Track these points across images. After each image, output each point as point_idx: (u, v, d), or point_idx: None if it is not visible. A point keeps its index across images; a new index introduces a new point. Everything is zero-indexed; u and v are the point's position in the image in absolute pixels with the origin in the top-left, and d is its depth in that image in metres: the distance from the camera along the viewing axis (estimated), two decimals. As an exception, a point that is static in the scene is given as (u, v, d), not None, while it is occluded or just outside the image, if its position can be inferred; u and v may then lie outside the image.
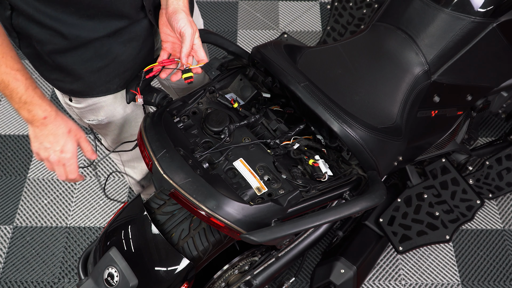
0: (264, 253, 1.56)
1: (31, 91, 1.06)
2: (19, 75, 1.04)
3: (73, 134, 1.14)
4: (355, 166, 1.36)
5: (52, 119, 1.10)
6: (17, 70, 1.04)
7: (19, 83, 1.04)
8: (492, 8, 1.47)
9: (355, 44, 1.56)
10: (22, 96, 1.05)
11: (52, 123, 1.10)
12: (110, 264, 1.25)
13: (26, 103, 1.06)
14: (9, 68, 1.02)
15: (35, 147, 1.15)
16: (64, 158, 1.14)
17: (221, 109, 1.36)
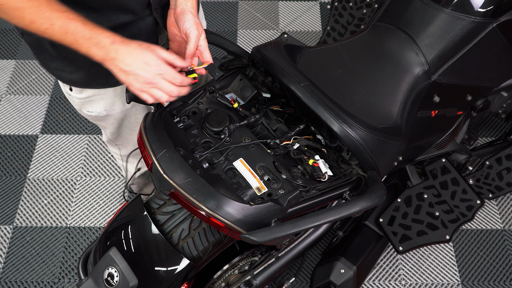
0: (264, 253, 1.56)
1: (89, 25, 1.00)
2: (71, 14, 0.99)
3: (145, 45, 1.04)
4: (355, 166, 1.36)
5: (118, 40, 1.02)
6: (66, 11, 0.99)
7: (74, 22, 0.98)
8: (492, 8, 1.47)
9: (355, 44, 1.56)
10: (84, 33, 0.99)
11: (121, 43, 1.02)
12: (110, 264, 1.25)
13: (90, 38, 1.00)
14: (59, 12, 0.98)
15: (126, 81, 1.06)
16: (154, 70, 1.03)
17: (221, 109, 1.36)
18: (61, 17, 0.97)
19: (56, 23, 0.97)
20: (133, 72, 1.04)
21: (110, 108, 1.40)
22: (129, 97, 1.30)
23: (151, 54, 1.03)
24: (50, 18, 0.97)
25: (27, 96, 2.52)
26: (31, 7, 0.95)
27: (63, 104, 2.50)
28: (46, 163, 2.30)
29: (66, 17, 0.98)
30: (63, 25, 0.98)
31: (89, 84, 1.29)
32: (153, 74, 1.04)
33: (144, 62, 1.03)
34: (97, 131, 2.41)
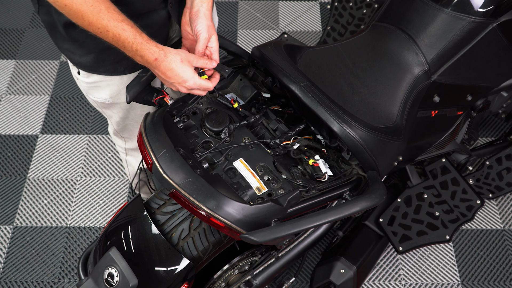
0: (264, 253, 1.56)
1: (138, 38, 1.10)
2: (125, 25, 1.08)
3: (186, 61, 1.17)
4: (355, 166, 1.36)
5: (162, 57, 1.14)
6: (122, 21, 1.08)
7: (127, 32, 1.08)
8: (492, 8, 1.47)
9: (355, 44, 1.56)
10: (132, 44, 1.10)
11: (164, 61, 1.14)
12: (110, 264, 1.25)
13: (137, 50, 1.11)
14: (116, 21, 1.07)
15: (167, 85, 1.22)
16: (190, 86, 1.18)
17: (221, 109, 1.36)
18: (116, 27, 1.07)
19: (110, 31, 1.07)
20: (171, 84, 1.19)
21: (116, 96, 1.41)
22: (129, 97, 1.30)
23: (190, 72, 1.16)
24: (106, 26, 1.06)
25: (27, 96, 2.52)
26: (92, 12, 1.04)
27: (63, 104, 2.50)
28: (46, 163, 2.30)
29: (121, 28, 1.08)
30: (116, 34, 1.08)
31: (97, 69, 1.33)
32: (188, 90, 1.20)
33: (182, 80, 1.17)
34: (97, 131, 2.41)
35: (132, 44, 1.10)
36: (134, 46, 1.10)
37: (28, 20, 2.84)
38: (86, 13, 1.04)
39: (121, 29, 1.08)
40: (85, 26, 1.08)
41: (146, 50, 1.12)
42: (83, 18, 1.05)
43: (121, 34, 1.08)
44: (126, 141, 1.69)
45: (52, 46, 2.73)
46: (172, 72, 1.16)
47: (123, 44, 1.10)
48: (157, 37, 1.27)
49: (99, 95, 1.41)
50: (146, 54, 1.12)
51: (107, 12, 1.06)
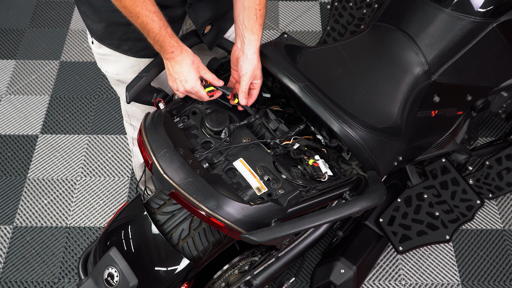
0: (264, 253, 1.56)
1: (163, 31, 1.19)
2: (155, 17, 1.16)
3: (196, 65, 1.26)
4: (355, 166, 1.36)
5: (178, 52, 1.23)
6: (154, 12, 1.16)
7: (155, 24, 1.17)
8: (492, 8, 1.47)
9: (355, 44, 1.56)
10: (156, 35, 1.19)
11: (178, 55, 1.24)
12: (110, 264, 1.25)
13: (158, 40, 1.20)
14: (148, 11, 1.15)
15: (169, 81, 1.30)
16: (188, 88, 1.27)
17: (221, 109, 1.36)
18: (146, 16, 1.15)
19: (140, 18, 1.15)
20: (174, 80, 1.28)
21: (123, 75, 1.46)
22: (129, 97, 1.30)
23: (194, 75, 1.25)
24: (138, 12, 1.14)
25: (27, 96, 2.52)
26: None
27: (63, 104, 2.50)
28: (46, 163, 2.30)
29: (150, 18, 1.16)
30: (144, 22, 1.16)
31: (103, 39, 1.38)
32: (186, 91, 1.28)
33: (184, 79, 1.25)
34: (97, 131, 2.41)
35: (156, 34, 1.18)
36: (157, 37, 1.19)
37: (28, 20, 2.84)
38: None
39: (150, 19, 1.16)
40: (120, 8, 1.15)
41: (166, 42, 1.20)
42: (120, 1, 1.13)
43: (148, 23, 1.16)
44: (135, 130, 1.73)
45: (52, 46, 2.73)
46: (179, 68, 1.25)
47: (148, 32, 1.19)
48: None
49: (108, 69, 1.47)
50: (165, 45, 1.21)
51: (142, 1, 1.13)
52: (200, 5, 1.35)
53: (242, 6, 1.27)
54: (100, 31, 1.36)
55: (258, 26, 1.29)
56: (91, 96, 2.54)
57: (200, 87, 1.27)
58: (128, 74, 1.45)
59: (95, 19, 1.34)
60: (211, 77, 1.29)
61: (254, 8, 1.26)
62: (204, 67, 1.28)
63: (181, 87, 1.27)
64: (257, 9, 1.27)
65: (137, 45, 1.38)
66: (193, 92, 1.28)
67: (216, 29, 1.44)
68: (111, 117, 2.46)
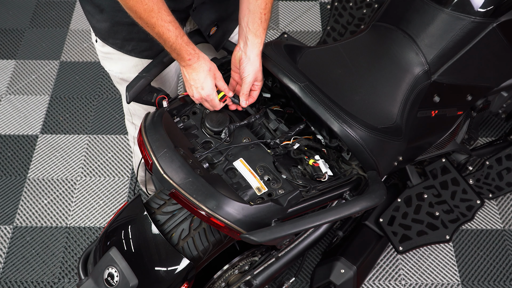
0: (264, 253, 1.56)
1: (179, 39, 1.21)
2: (171, 26, 1.18)
3: (212, 73, 1.28)
4: (355, 166, 1.36)
5: (195, 59, 1.25)
6: (169, 22, 1.17)
7: (171, 33, 1.18)
8: (492, 8, 1.47)
9: (355, 44, 1.56)
10: (173, 44, 1.21)
11: (195, 62, 1.25)
12: (110, 264, 1.25)
13: (175, 49, 1.22)
14: (163, 21, 1.16)
15: (186, 87, 1.32)
16: (204, 95, 1.28)
17: (221, 109, 1.36)
18: (162, 26, 1.17)
19: (156, 29, 1.17)
20: (190, 86, 1.29)
21: (126, 74, 1.47)
22: (129, 97, 1.30)
23: (210, 83, 1.27)
24: (154, 23, 1.16)
25: (27, 96, 2.52)
26: (144, 10, 1.13)
27: (63, 104, 2.50)
28: (46, 163, 2.30)
29: (166, 28, 1.17)
30: (160, 32, 1.18)
31: (107, 39, 1.38)
32: (201, 98, 1.30)
33: (201, 87, 1.27)
34: (97, 131, 2.41)
35: (172, 43, 1.20)
36: (173, 46, 1.21)
37: (28, 20, 2.84)
38: (139, 9, 1.13)
39: (166, 29, 1.17)
40: (135, 19, 1.17)
41: (183, 50, 1.22)
42: (135, 13, 1.14)
43: (164, 32, 1.18)
44: (136, 129, 1.73)
45: (52, 46, 2.73)
46: (197, 75, 1.26)
47: (164, 41, 1.20)
48: None
49: (111, 67, 1.48)
50: (182, 53, 1.23)
51: (158, 11, 1.14)
52: (204, 8, 1.36)
53: (247, 9, 1.28)
54: (104, 30, 1.36)
55: (262, 30, 1.29)
56: (91, 96, 2.54)
57: (215, 96, 1.29)
58: (132, 73, 1.45)
59: (99, 19, 1.34)
60: (223, 86, 1.31)
61: (259, 12, 1.27)
62: (220, 74, 1.30)
63: (197, 94, 1.29)
64: (262, 13, 1.27)
65: (141, 46, 1.38)
66: (208, 100, 1.29)
67: (222, 31, 1.45)
68: (111, 117, 2.46)
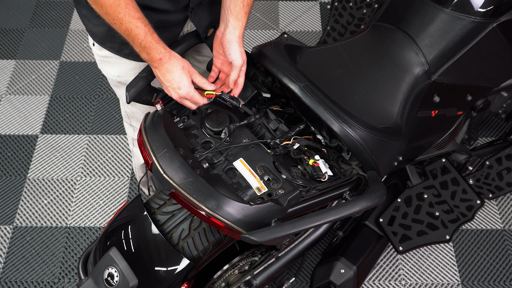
0: (264, 253, 1.56)
1: (149, 37, 1.17)
2: (140, 23, 1.15)
3: (187, 70, 1.24)
4: (355, 166, 1.36)
5: (166, 59, 1.21)
6: (137, 19, 1.14)
7: (139, 30, 1.15)
8: (492, 8, 1.47)
9: (355, 44, 1.56)
10: (142, 41, 1.17)
11: (167, 62, 1.21)
12: (110, 264, 1.25)
13: (145, 47, 1.18)
14: (131, 17, 1.13)
15: (163, 88, 1.28)
16: (183, 94, 1.24)
17: (221, 109, 1.36)
18: (130, 22, 1.13)
19: (124, 25, 1.14)
20: (166, 88, 1.26)
21: (123, 77, 1.46)
22: (129, 97, 1.30)
23: (186, 81, 1.23)
24: (121, 19, 1.13)
25: (27, 96, 2.52)
26: (111, 5, 1.11)
27: (63, 104, 2.50)
28: (46, 163, 2.30)
29: (134, 24, 1.14)
30: (128, 29, 1.15)
31: (105, 43, 1.38)
32: (180, 98, 1.26)
33: (177, 87, 1.23)
34: (97, 131, 2.41)
35: (141, 41, 1.16)
36: (143, 43, 1.17)
37: (28, 20, 2.84)
38: (105, 3, 1.11)
39: (134, 25, 1.14)
40: (102, 15, 1.14)
41: (153, 49, 1.18)
42: (102, 7, 1.12)
43: (133, 29, 1.15)
44: (135, 131, 1.73)
45: (52, 46, 2.73)
46: (170, 75, 1.22)
47: (133, 39, 1.17)
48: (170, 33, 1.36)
49: (108, 71, 1.47)
50: (152, 52, 1.19)
51: (125, 7, 1.12)
52: (202, 10, 1.35)
53: None
54: (101, 34, 1.36)
55: (244, 14, 1.28)
56: (91, 96, 2.54)
57: (195, 92, 1.25)
58: (129, 76, 1.45)
59: (96, 23, 1.33)
60: (201, 81, 1.27)
61: None
62: (194, 70, 1.27)
63: (175, 94, 1.25)
64: None
65: None
66: (188, 98, 1.26)
67: None
68: (111, 117, 2.46)
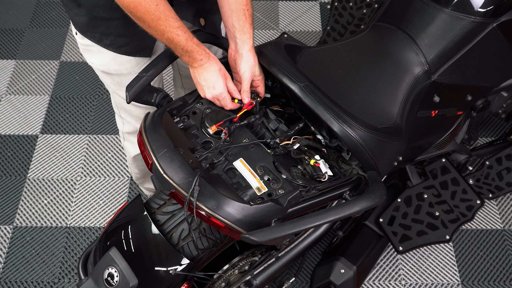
0: (264, 253, 1.56)
1: (189, 42, 1.24)
2: (180, 31, 1.22)
3: (223, 73, 1.31)
4: (355, 166, 1.36)
5: (206, 59, 1.28)
6: (178, 28, 1.21)
7: (180, 37, 1.22)
8: (492, 8, 1.47)
9: (355, 44, 1.56)
10: (184, 47, 1.24)
11: (206, 62, 1.28)
12: (110, 264, 1.25)
13: (187, 51, 1.25)
14: (172, 27, 1.20)
15: (198, 88, 1.35)
16: (216, 94, 1.31)
17: (221, 109, 1.36)
18: (171, 33, 1.21)
19: (165, 35, 1.21)
20: (202, 87, 1.32)
21: (106, 66, 1.48)
22: (129, 97, 1.30)
23: (222, 82, 1.30)
24: (163, 31, 1.20)
25: (27, 96, 2.52)
26: (152, 20, 1.17)
27: (63, 104, 2.50)
28: (46, 163, 2.30)
29: (175, 33, 1.21)
30: (170, 38, 1.22)
31: (85, 32, 1.40)
32: (214, 97, 1.32)
33: (212, 86, 1.30)
34: (97, 131, 2.41)
35: (183, 46, 1.23)
36: (185, 48, 1.24)
37: (28, 20, 2.84)
38: (147, 19, 1.17)
39: (175, 34, 1.21)
40: (145, 28, 1.21)
41: (195, 52, 1.26)
42: (144, 22, 1.18)
43: (174, 38, 1.22)
44: (124, 124, 1.73)
45: (52, 46, 2.73)
46: (208, 75, 1.29)
47: (175, 46, 1.23)
48: None
49: (92, 60, 1.49)
50: (194, 55, 1.26)
51: (165, 19, 1.18)
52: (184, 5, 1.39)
53: (229, 10, 1.30)
54: (82, 24, 1.38)
55: (248, 25, 1.31)
56: (91, 96, 2.54)
57: (227, 94, 1.31)
58: (112, 65, 1.47)
59: (77, 12, 1.35)
60: (233, 87, 1.33)
61: (242, 9, 1.30)
62: (229, 75, 1.33)
63: (209, 93, 1.31)
64: (245, 9, 1.30)
65: (119, 41, 1.40)
66: (220, 99, 1.32)
67: (210, 21, 1.48)
68: (111, 117, 2.46)
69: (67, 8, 1.38)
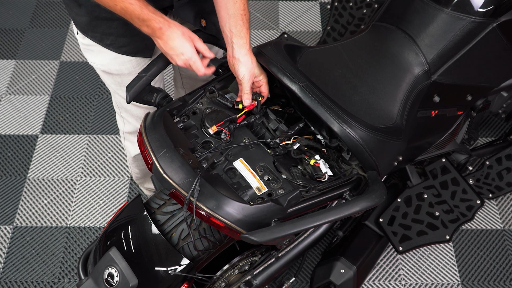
0: (264, 253, 1.56)
1: (145, 10, 1.20)
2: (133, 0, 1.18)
3: (187, 36, 1.26)
4: (355, 166, 1.36)
5: (166, 27, 1.23)
6: None
7: (134, 6, 1.18)
8: (492, 8, 1.47)
9: (355, 44, 1.56)
10: (139, 15, 1.20)
11: (167, 30, 1.23)
12: (110, 264, 1.25)
13: (144, 20, 1.21)
14: None
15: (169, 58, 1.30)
16: (186, 59, 1.26)
17: (221, 109, 1.36)
18: (123, 1, 1.17)
19: (118, 5, 1.17)
20: (171, 56, 1.27)
21: (107, 66, 1.48)
22: (129, 97, 1.30)
23: (188, 45, 1.25)
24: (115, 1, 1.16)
25: (27, 96, 2.52)
26: None
27: (63, 104, 2.50)
28: (46, 163, 2.30)
29: (128, 2, 1.17)
30: (123, 7, 1.18)
31: (86, 32, 1.40)
32: (185, 63, 1.27)
33: (180, 52, 1.25)
34: (97, 131, 2.41)
35: (139, 15, 1.19)
36: (141, 16, 1.19)
37: (28, 20, 2.84)
38: None
39: (128, 3, 1.17)
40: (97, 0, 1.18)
41: (152, 20, 1.21)
42: None
43: (128, 7, 1.18)
44: (124, 124, 1.73)
45: (52, 46, 2.73)
46: (173, 42, 1.24)
47: (131, 15, 1.20)
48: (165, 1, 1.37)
49: (92, 60, 1.49)
50: (152, 23, 1.21)
51: None
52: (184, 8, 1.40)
53: (227, 15, 1.29)
54: (83, 23, 1.38)
55: (245, 30, 1.31)
56: (91, 96, 2.54)
57: (197, 59, 1.27)
58: (113, 65, 1.47)
59: (78, 12, 1.36)
60: (203, 47, 1.29)
61: (239, 14, 1.29)
62: (195, 36, 1.28)
63: (180, 61, 1.27)
64: (242, 14, 1.29)
65: (119, 41, 1.40)
66: (191, 63, 1.27)
67: (211, 22, 1.47)
68: (111, 117, 2.46)
69: (68, 7, 1.38)
